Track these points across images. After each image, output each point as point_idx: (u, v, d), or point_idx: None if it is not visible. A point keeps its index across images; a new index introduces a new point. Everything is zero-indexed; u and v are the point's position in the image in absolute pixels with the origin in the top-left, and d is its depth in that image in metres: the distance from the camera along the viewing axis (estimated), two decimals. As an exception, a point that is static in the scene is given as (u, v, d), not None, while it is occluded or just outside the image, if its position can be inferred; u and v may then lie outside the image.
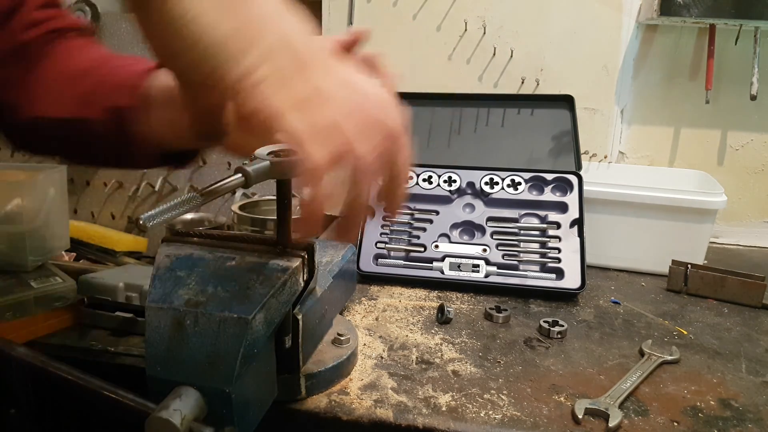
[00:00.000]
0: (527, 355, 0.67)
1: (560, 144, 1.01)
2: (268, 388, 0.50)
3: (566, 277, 0.85)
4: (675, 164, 1.23)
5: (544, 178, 0.95)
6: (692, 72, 1.19)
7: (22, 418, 0.61)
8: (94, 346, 0.64)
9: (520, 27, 1.20)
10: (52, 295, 0.69)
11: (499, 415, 0.54)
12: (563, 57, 1.20)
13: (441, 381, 0.60)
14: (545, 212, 0.93)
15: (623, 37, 1.17)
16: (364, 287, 0.86)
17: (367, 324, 0.73)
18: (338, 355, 0.58)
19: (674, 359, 0.66)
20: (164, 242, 0.51)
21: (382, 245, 0.91)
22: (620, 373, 0.62)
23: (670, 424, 0.54)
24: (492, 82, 1.23)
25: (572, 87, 1.17)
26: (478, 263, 0.87)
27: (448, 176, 0.97)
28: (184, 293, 0.44)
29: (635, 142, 1.24)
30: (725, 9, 1.06)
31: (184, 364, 0.42)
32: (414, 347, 0.67)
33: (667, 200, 0.93)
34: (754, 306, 0.84)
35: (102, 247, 0.98)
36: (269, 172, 0.41)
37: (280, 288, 0.45)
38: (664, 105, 1.21)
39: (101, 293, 0.68)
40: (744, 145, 1.21)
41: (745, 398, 0.59)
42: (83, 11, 1.25)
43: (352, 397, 0.56)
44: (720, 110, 1.19)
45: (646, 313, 0.81)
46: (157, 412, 0.39)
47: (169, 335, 0.43)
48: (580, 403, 0.54)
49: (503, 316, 0.76)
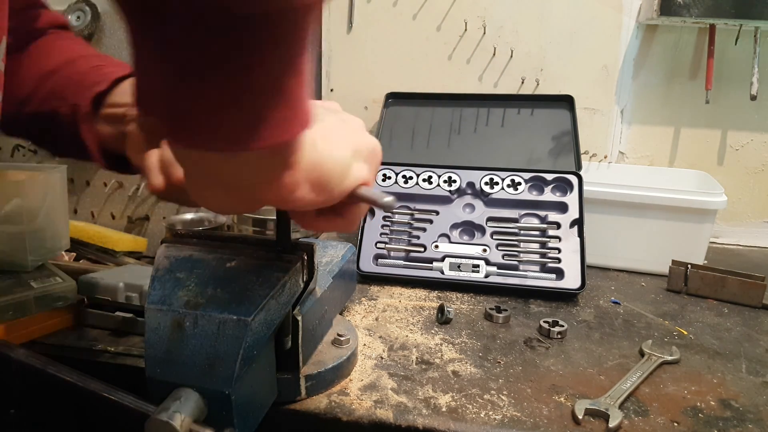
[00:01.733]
0: (527, 356, 0.67)
1: (560, 144, 1.01)
2: (268, 389, 0.50)
3: (566, 277, 0.85)
4: (675, 164, 1.23)
5: (544, 178, 0.95)
6: (692, 72, 1.19)
7: (22, 418, 0.61)
8: (94, 346, 0.64)
9: (520, 27, 1.20)
10: (52, 295, 0.69)
11: (499, 416, 0.54)
12: (563, 57, 1.20)
13: (441, 381, 0.60)
14: (545, 212, 0.93)
15: (623, 37, 1.17)
16: (364, 287, 0.86)
17: (367, 324, 0.73)
18: (338, 355, 0.58)
19: (674, 359, 0.66)
20: (164, 243, 0.51)
21: (382, 245, 0.91)
22: (620, 373, 0.62)
23: (670, 424, 0.54)
24: (492, 82, 1.23)
25: (572, 87, 1.17)
26: (478, 263, 0.87)
27: (448, 176, 0.97)
28: (183, 295, 0.44)
29: (635, 142, 1.24)
30: (725, 9, 1.06)
31: (184, 365, 0.42)
32: (414, 347, 0.67)
33: (667, 200, 0.93)
34: (754, 306, 0.84)
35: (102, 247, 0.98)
36: None
37: (280, 289, 0.45)
38: (664, 105, 1.21)
39: (101, 293, 0.68)
40: (744, 145, 1.21)
41: (746, 398, 0.59)
42: (83, 11, 1.24)
43: (352, 397, 0.56)
44: (720, 110, 1.19)
45: (646, 314, 0.81)
46: (157, 414, 0.39)
47: (169, 337, 0.43)
48: (580, 404, 0.54)
49: (503, 317, 0.76)
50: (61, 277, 0.72)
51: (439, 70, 1.24)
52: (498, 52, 1.20)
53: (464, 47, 1.22)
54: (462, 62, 1.23)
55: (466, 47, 1.22)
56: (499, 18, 1.20)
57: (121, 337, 0.67)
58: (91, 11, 1.23)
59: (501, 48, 1.20)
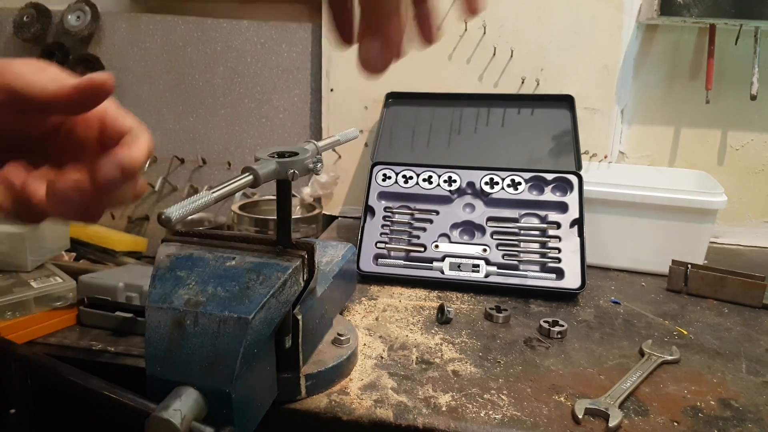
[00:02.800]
0: (527, 355, 0.67)
1: (560, 144, 1.01)
2: (268, 388, 0.50)
3: (566, 277, 0.85)
4: (675, 164, 1.23)
5: (544, 178, 0.95)
6: (692, 72, 1.19)
7: (22, 418, 0.61)
8: (94, 346, 0.64)
9: (520, 27, 1.20)
10: (52, 295, 0.69)
11: (499, 415, 0.54)
12: (563, 57, 1.20)
13: (441, 381, 0.60)
14: (545, 212, 0.93)
15: (623, 37, 1.17)
16: (364, 287, 0.86)
17: (367, 324, 0.73)
18: (338, 355, 0.58)
19: (674, 359, 0.66)
20: (164, 242, 0.51)
21: (382, 245, 0.91)
22: (620, 373, 0.62)
23: (670, 424, 0.54)
24: (492, 82, 1.23)
25: (572, 87, 1.17)
26: (478, 263, 0.87)
27: (448, 176, 0.97)
28: (184, 293, 0.44)
29: (635, 142, 1.24)
30: (725, 9, 1.06)
31: (184, 364, 0.42)
32: (414, 347, 0.67)
33: (667, 200, 0.93)
34: (755, 306, 0.84)
35: (102, 247, 0.99)
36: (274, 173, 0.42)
37: (280, 288, 0.45)
38: (664, 105, 1.21)
39: (101, 293, 0.68)
40: (744, 145, 1.21)
41: (746, 398, 0.59)
42: (83, 11, 1.25)
43: (352, 397, 0.56)
44: (720, 110, 1.19)
45: (646, 313, 0.81)
46: (158, 412, 0.39)
47: (169, 335, 0.43)
48: (580, 403, 0.54)
49: (503, 316, 0.76)
50: (61, 277, 0.72)
51: (439, 70, 1.24)
52: (498, 51, 1.20)
53: (464, 47, 1.22)
54: (462, 62, 1.23)
55: (466, 47, 1.22)
56: (499, 18, 1.20)
57: (121, 337, 0.67)
58: (91, 11, 1.23)
59: (501, 48, 1.20)
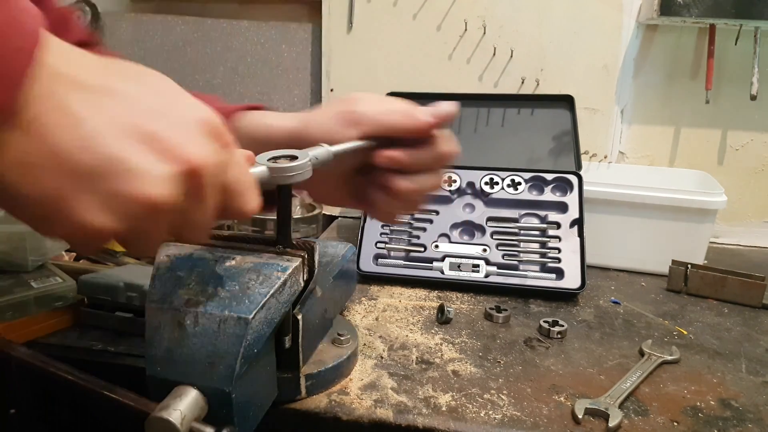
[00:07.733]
0: (527, 355, 0.67)
1: (560, 144, 1.01)
2: (268, 388, 0.50)
3: (566, 277, 0.85)
4: (675, 164, 1.23)
5: (544, 178, 0.95)
6: (692, 72, 1.19)
7: (22, 418, 0.61)
8: (94, 346, 0.64)
9: (520, 27, 1.20)
10: (52, 295, 0.69)
11: (499, 415, 0.54)
12: (563, 57, 1.20)
13: (441, 381, 0.60)
14: (545, 212, 0.93)
15: (623, 37, 1.17)
16: (364, 287, 0.86)
17: (367, 324, 0.73)
18: (338, 355, 0.58)
19: (674, 359, 0.66)
20: (164, 242, 0.51)
21: (382, 245, 0.91)
22: (620, 373, 0.62)
23: (670, 424, 0.54)
24: (492, 82, 1.23)
25: (572, 87, 1.17)
26: (478, 263, 0.87)
27: (448, 176, 0.97)
28: (184, 293, 0.44)
29: (635, 142, 1.24)
30: (725, 9, 1.06)
31: (184, 364, 0.42)
32: (414, 347, 0.67)
33: (667, 200, 0.93)
34: (754, 306, 0.84)
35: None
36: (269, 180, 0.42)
37: (280, 288, 0.45)
38: (665, 105, 1.21)
39: (101, 293, 0.68)
40: (744, 145, 1.21)
41: (745, 398, 0.59)
42: (83, 11, 1.25)
43: (352, 397, 0.56)
44: (720, 110, 1.19)
45: (646, 313, 0.81)
46: (157, 412, 0.39)
47: (169, 335, 0.43)
48: (580, 403, 0.54)
49: (503, 316, 0.75)
50: (61, 277, 0.72)
51: (439, 70, 1.24)
52: (498, 51, 1.20)
53: (464, 47, 1.22)
54: (462, 62, 1.23)
55: (466, 47, 1.22)
56: (499, 18, 1.20)
57: (121, 337, 0.67)
58: (91, 11, 1.23)
59: (501, 48, 1.20)
